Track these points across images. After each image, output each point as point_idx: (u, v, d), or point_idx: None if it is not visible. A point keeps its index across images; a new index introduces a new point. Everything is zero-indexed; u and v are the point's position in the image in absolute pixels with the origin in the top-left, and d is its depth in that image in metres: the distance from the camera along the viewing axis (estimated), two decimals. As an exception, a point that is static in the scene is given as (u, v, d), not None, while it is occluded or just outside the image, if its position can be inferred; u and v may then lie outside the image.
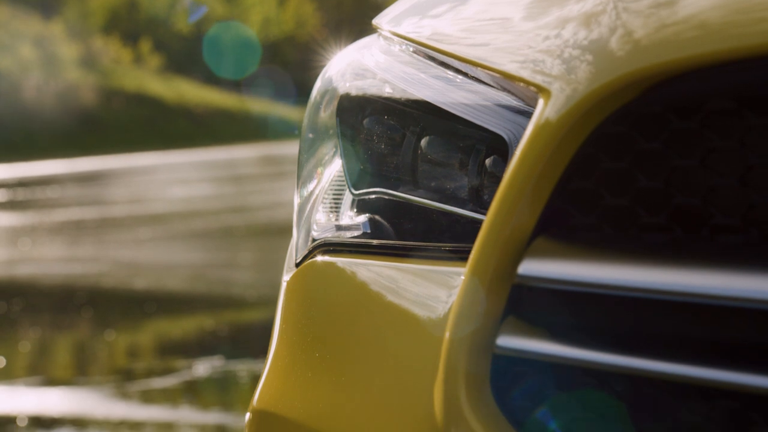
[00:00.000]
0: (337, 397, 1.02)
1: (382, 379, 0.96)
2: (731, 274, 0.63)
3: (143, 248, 12.59)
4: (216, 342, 6.96)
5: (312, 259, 1.14)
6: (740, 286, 0.63)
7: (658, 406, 0.71)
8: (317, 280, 1.12)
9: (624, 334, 0.71)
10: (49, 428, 4.84)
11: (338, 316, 1.06)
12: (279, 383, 1.14)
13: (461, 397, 0.81)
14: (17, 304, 9.13)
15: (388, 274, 1.01)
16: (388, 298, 0.99)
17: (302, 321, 1.13)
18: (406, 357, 0.93)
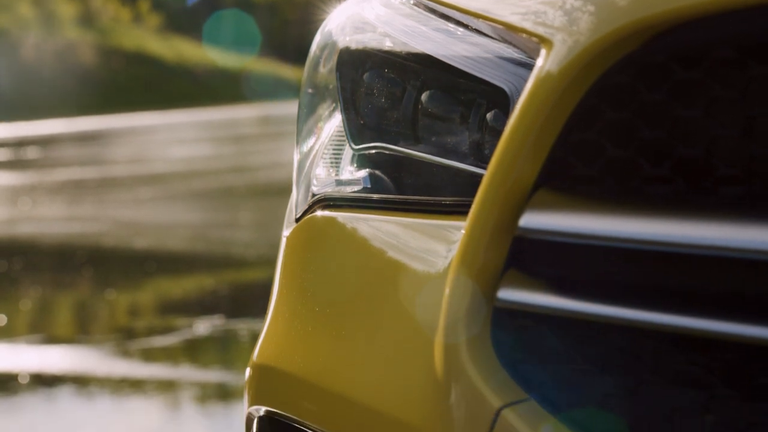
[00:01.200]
0: (337, 351, 1.02)
1: (382, 333, 0.96)
2: (733, 225, 0.63)
3: (143, 208, 12.60)
4: (216, 301, 6.97)
5: (312, 214, 1.14)
6: (742, 237, 0.62)
7: (659, 359, 0.71)
8: (317, 235, 1.12)
9: (625, 286, 0.71)
10: (50, 386, 4.87)
11: (338, 271, 1.06)
12: (279, 338, 1.14)
13: (461, 350, 0.81)
14: (18, 263, 9.14)
15: (388, 229, 1.01)
16: (388, 253, 0.99)
17: (302, 276, 1.13)
18: (406, 311, 0.93)
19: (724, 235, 0.63)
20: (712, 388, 0.68)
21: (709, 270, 0.65)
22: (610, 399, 0.73)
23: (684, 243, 0.65)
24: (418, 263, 0.94)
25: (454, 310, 0.81)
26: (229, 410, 4.33)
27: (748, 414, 0.66)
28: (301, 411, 1.04)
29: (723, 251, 0.63)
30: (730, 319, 0.63)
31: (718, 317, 0.64)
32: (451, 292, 0.82)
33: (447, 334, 0.82)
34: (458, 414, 0.82)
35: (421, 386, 0.87)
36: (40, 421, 4.28)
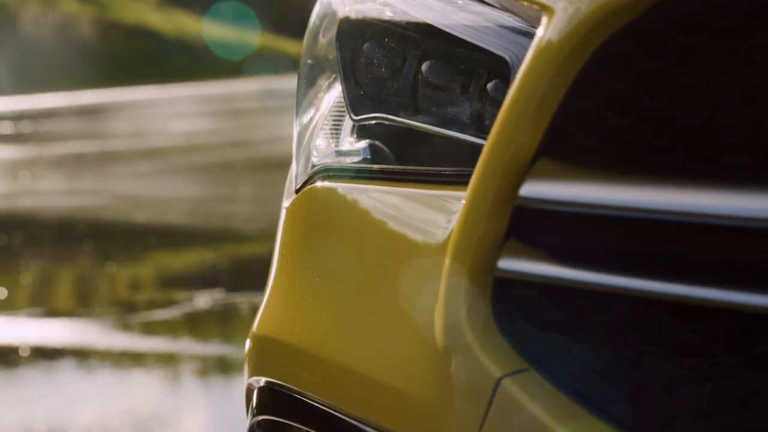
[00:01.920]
0: (337, 322, 1.02)
1: (382, 303, 0.96)
2: (735, 193, 0.63)
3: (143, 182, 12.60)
4: (216, 274, 6.98)
5: (312, 185, 1.14)
6: (743, 206, 0.62)
7: (659, 328, 0.71)
8: (317, 205, 1.12)
9: (626, 255, 0.70)
10: (51, 358, 4.88)
11: (338, 242, 1.06)
12: (279, 309, 1.14)
13: (462, 320, 0.81)
14: (18, 237, 9.15)
15: (388, 199, 1.01)
16: (388, 223, 0.99)
17: (302, 246, 1.13)
18: (406, 281, 0.93)
19: (725, 204, 0.63)
20: (712, 356, 0.68)
21: (710, 238, 0.65)
22: (610, 368, 0.73)
23: (685, 211, 0.65)
24: (418, 233, 0.94)
25: (455, 280, 0.81)
26: (229, 383, 4.35)
27: (748, 382, 0.66)
28: (301, 382, 1.04)
29: (724, 220, 0.63)
30: (730, 288, 0.63)
31: (719, 286, 0.64)
32: (452, 262, 0.81)
33: (447, 303, 0.82)
34: (458, 384, 0.82)
35: (421, 357, 0.87)
36: (40, 394, 4.29)
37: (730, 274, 0.64)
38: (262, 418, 1.13)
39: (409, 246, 0.94)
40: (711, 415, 0.67)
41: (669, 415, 0.69)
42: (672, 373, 0.70)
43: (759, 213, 0.61)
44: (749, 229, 0.62)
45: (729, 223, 0.63)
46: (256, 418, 1.14)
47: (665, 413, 0.70)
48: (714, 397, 0.67)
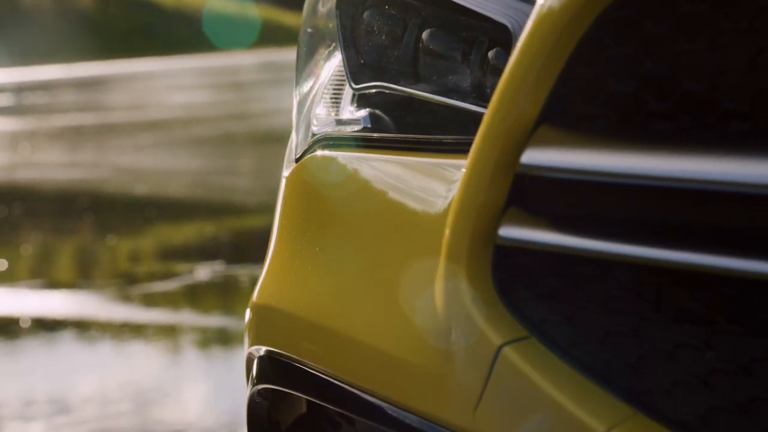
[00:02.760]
0: (337, 291, 1.01)
1: (383, 272, 0.96)
2: (737, 160, 0.62)
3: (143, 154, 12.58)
4: (217, 247, 6.99)
5: (312, 154, 1.13)
6: (746, 172, 0.62)
7: (661, 296, 0.71)
8: (317, 174, 1.11)
9: (627, 222, 0.70)
10: (51, 330, 4.89)
11: (338, 211, 1.06)
12: (279, 278, 1.13)
13: (462, 289, 0.80)
14: (18, 209, 9.15)
15: (388, 168, 1.00)
16: (388, 192, 0.98)
17: (302, 216, 1.12)
18: (406, 250, 0.93)
19: (727, 170, 0.63)
20: (714, 324, 0.68)
21: (712, 205, 0.65)
22: (611, 336, 0.73)
23: (687, 178, 0.65)
24: (419, 202, 0.93)
25: (455, 248, 0.81)
26: (230, 354, 4.36)
27: (749, 349, 0.66)
28: (301, 351, 1.04)
29: (726, 186, 0.63)
30: (732, 255, 0.63)
31: (721, 252, 0.64)
32: (452, 231, 0.81)
33: (448, 271, 0.81)
34: (459, 352, 0.82)
35: (421, 325, 0.87)
36: (41, 365, 4.30)
37: (732, 240, 0.64)
38: (263, 387, 1.13)
39: (410, 214, 0.94)
40: (712, 382, 0.67)
41: (670, 383, 0.69)
42: (673, 341, 0.70)
43: (761, 179, 0.61)
44: (751, 196, 0.62)
45: (731, 190, 0.63)
46: (257, 387, 1.14)
47: (666, 381, 0.69)
48: (715, 364, 0.67)
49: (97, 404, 3.63)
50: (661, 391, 0.70)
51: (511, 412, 0.77)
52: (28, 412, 3.56)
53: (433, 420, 0.86)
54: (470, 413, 0.81)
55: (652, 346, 0.71)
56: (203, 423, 3.38)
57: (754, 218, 0.63)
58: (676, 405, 0.69)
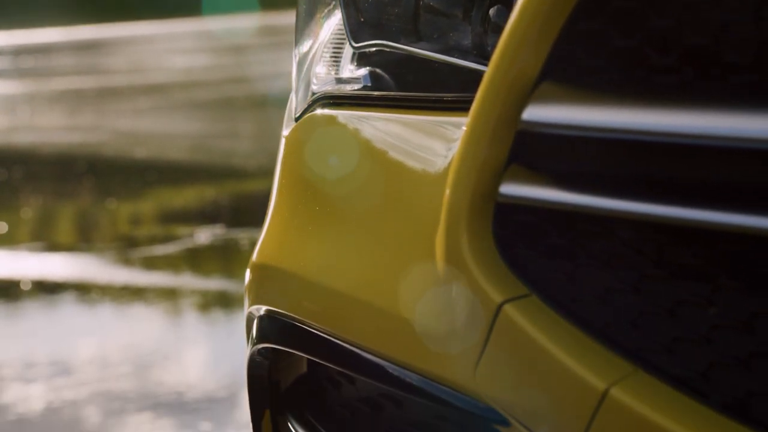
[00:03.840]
0: (337, 250, 1.01)
1: (383, 230, 0.95)
2: (742, 114, 0.62)
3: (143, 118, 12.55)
4: (217, 210, 6.99)
5: (312, 112, 1.13)
6: (751, 126, 0.61)
7: (662, 252, 0.71)
8: (317, 133, 1.11)
9: (629, 179, 0.69)
10: (52, 292, 4.90)
11: (338, 169, 1.05)
12: (279, 238, 1.13)
13: (463, 246, 0.80)
14: (18, 172, 9.14)
15: (388, 126, 0.99)
16: (388, 150, 0.98)
17: (301, 175, 1.12)
18: (406, 208, 0.92)
19: (732, 125, 0.62)
20: (715, 280, 0.67)
21: (716, 160, 0.64)
22: (612, 294, 0.73)
23: (691, 133, 0.64)
24: (419, 160, 0.93)
25: (456, 206, 0.80)
26: (230, 317, 4.37)
27: (751, 305, 0.65)
28: (301, 310, 1.04)
29: (731, 141, 0.62)
30: (735, 210, 0.62)
31: (724, 208, 0.63)
32: (453, 188, 0.80)
33: (448, 230, 0.81)
34: (459, 310, 0.81)
35: (422, 283, 0.87)
36: (41, 327, 4.31)
37: (736, 196, 0.63)
38: (263, 347, 1.13)
39: (410, 172, 0.93)
40: (714, 338, 0.67)
41: (671, 339, 0.69)
42: (674, 297, 0.69)
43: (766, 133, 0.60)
44: (756, 150, 0.61)
45: (735, 144, 0.62)
46: (257, 346, 1.14)
47: (667, 337, 0.69)
48: (717, 320, 0.67)
49: (98, 366, 3.64)
50: (662, 347, 0.69)
51: (512, 369, 0.77)
52: (28, 373, 3.57)
53: (434, 378, 0.85)
54: (470, 371, 0.80)
55: (653, 303, 0.70)
56: (203, 385, 3.40)
57: (758, 173, 0.62)
58: (677, 361, 0.68)
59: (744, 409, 0.65)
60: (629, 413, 0.68)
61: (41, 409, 3.21)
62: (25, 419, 3.14)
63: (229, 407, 3.18)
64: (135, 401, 3.26)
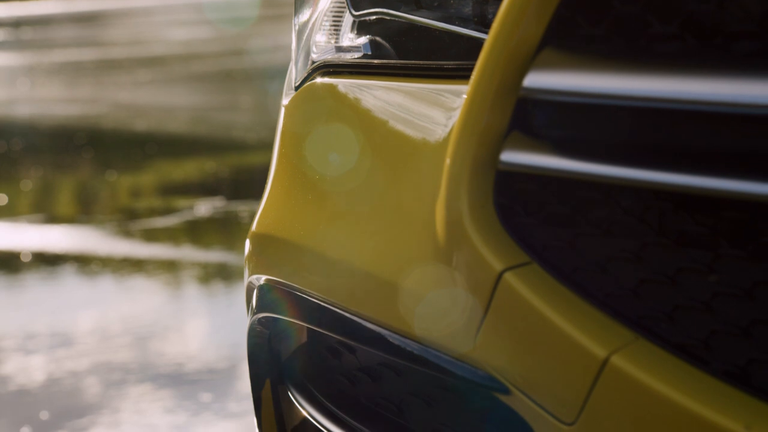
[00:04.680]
0: (337, 220, 1.01)
1: (383, 199, 0.95)
2: (743, 81, 0.61)
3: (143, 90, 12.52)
4: (217, 183, 6.98)
5: (311, 81, 1.12)
6: (752, 93, 0.60)
7: (664, 220, 0.70)
8: (317, 102, 1.10)
9: (630, 146, 0.69)
10: (52, 264, 4.90)
11: (338, 138, 1.05)
12: (278, 207, 1.13)
13: (463, 214, 0.80)
14: (17, 144, 9.12)
15: (389, 95, 0.99)
16: (388, 118, 0.97)
17: (301, 143, 1.11)
18: (407, 176, 0.92)
19: (733, 92, 0.61)
20: (716, 248, 0.67)
21: (718, 127, 0.63)
22: (613, 262, 0.73)
23: (692, 99, 0.64)
24: (420, 128, 0.92)
25: (457, 174, 0.80)
26: (230, 290, 4.37)
27: (752, 273, 0.65)
28: (302, 279, 1.03)
29: (733, 108, 0.62)
30: (737, 178, 0.62)
31: (726, 176, 0.63)
32: (453, 156, 0.80)
33: (449, 198, 0.81)
34: (460, 278, 0.81)
35: (422, 252, 0.87)
36: (42, 299, 4.31)
37: (737, 163, 0.63)
38: (263, 316, 1.12)
39: (410, 141, 0.93)
40: (715, 306, 0.67)
41: (673, 307, 0.69)
42: (676, 265, 0.69)
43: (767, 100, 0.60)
44: (758, 117, 0.61)
45: (737, 111, 0.62)
46: (257, 315, 1.14)
47: (669, 305, 0.69)
48: (718, 288, 0.67)
49: (98, 337, 3.65)
50: (663, 315, 0.69)
51: (512, 337, 0.77)
52: (29, 344, 3.58)
53: (434, 346, 0.85)
54: (471, 339, 0.80)
55: (654, 271, 0.70)
56: (204, 356, 3.40)
57: (760, 140, 0.62)
58: (677, 329, 0.68)
59: (745, 376, 0.65)
60: (630, 381, 0.68)
61: (42, 379, 3.22)
62: (25, 390, 3.15)
63: (230, 378, 3.19)
64: (135, 372, 3.27)
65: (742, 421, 0.62)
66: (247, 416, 2.86)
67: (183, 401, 3.00)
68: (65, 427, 2.84)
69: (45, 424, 2.85)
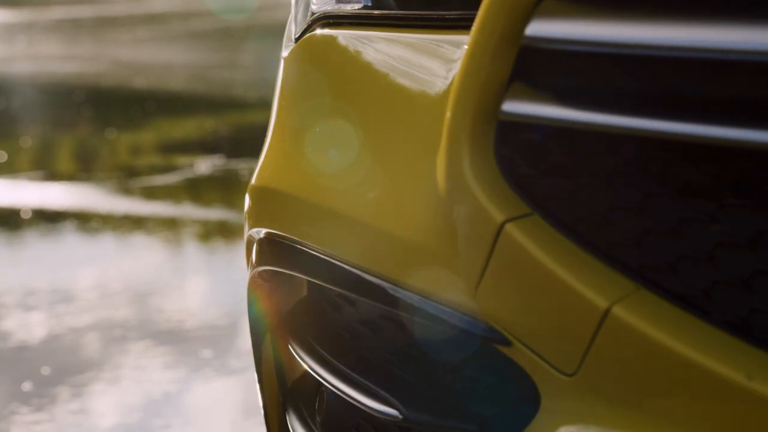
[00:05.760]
0: (337, 172, 1.00)
1: (384, 151, 0.94)
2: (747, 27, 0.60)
3: (142, 48, 12.46)
4: (217, 141, 6.97)
5: (311, 33, 1.11)
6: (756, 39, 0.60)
7: (667, 170, 0.70)
8: (317, 53, 1.09)
9: (633, 95, 0.68)
10: (52, 221, 4.90)
11: (338, 90, 1.04)
12: (278, 160, 1.12)
13: (465, 165, 0.79)
14: (16, 101, 9.09)
15: (389, 46, 0.98)
16: (389, 70, 0.96)
17: (301, 96, 1.11)
18: (407, 128, 0.91)
19: (738, 39, 0.61)
20: (719, 198, 0.66)
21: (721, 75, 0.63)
22: (615, 212, 0.72)
23: (695, 47, 0.63)
24: (421, 79, 0.91)
25: (458, 124, 0.79)
26: (230, 247, 4.37)
27: (755, 223, 0.65)
28: (302, 232, 1.03)
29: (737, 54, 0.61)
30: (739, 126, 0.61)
31: (728, 124, 0.62)
32: (454, 107, 0.79)
33: (450, 148, 0.80)
34: (461, 230, 0.81)
35: (423, 203, 0.86)
36: (42, 256, 4.32)
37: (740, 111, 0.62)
38: (263, 269, 1.12)
39: (411, 92, 0.92)
40: (717, 256, 0.66)
41: (675, 258, 0.68)
42: (678, 216, 0.69)
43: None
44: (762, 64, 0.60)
45: (741, 58, 0.61)
46: (257, 269, 1.13)
47: (671, 255, 0.69)
48: (720, 238, 0.66)
49: (99, 294, 3.66)
50: (664, 266, 0.69)
51: (513, 289, 0.77)
52: (29, 300, 3.58)
53: (434, 298, 0.85)
54: (471, 291, 0.80)
55: (656, 222, 0.70)
56: (204, 313, 3.41)
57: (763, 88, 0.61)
58: (679, 280, 0.68)
59: (746, 326, 0.64)
60: (631, 331, 0.67)
61: (43, 336, 3.23)
62: (26, 346, 3.16)
63: (230, 335, 3.20)
64: (136, 329, 3.28)
65: (744, 371, 0.62)
66: (247, 372, 2.88)
67: (183, 357, 3.01)
68: (66, 382, 2.85)
69: (46, 380, 2.87)
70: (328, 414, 1.07)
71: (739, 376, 0.62)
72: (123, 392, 2.79)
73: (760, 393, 0.61)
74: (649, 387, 0.68)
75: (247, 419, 2.59)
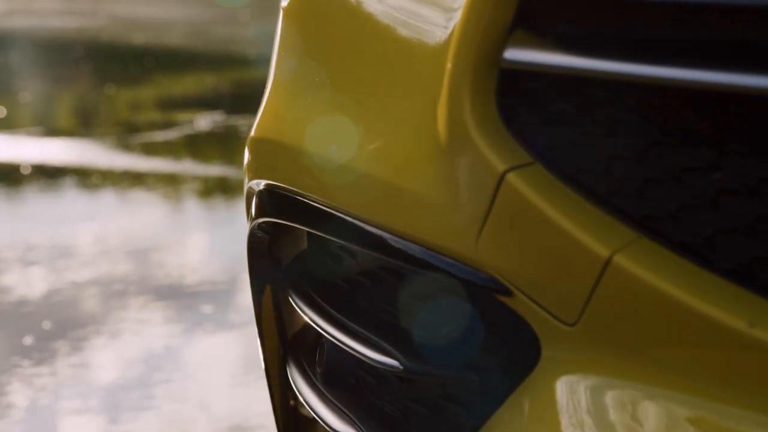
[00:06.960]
0: (338, 123, 1.00)
1: (384, 101, 0.94)
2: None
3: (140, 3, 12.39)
4: (216, 97, 6.95)
5: (311, -18, 1.10)
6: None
7: (669, 118, 0.69)
8: (316, 3, 1.08)
9: (638, 41, 0.68)
10: (52, 177, 4.90)
11: (338, 40, 1.03)
12: (278, 111, 1.11)
13: (466, 114, 0.79)
14: (15, 56, 9.05)
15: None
16: (390, 18, 0.95)
17: (300, 46, 1.10)
18: (409, 78, 0.91)
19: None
20: (723, 144, 0.66)
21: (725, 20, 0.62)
22: (617, 161, 0.72)
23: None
24: (422, 28, 0.91)
25: (459, 72, 0.79)
26: (230, 203, 4.37)
27: (759, 170, 0.64)
28: (302, 183, 1.03)
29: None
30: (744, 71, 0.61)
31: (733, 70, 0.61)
32: (455, 54, 0.79)
33: (450, 97, 0.79)
34: (462, 180, 0.80)
35: (424, 153, 0.86)
36: (42, 211, 4.32)
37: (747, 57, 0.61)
38: (263, 221, 1.12)
39: (413, 41, 0.91)
40: (720, 204, 0.66)
41: (677, 206, 0.68)
42: (681, 163, 0.68)
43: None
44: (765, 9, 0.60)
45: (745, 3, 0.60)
46: (257, 221, 1.13)
47: (673, 204, 0.68)
48: (723, 185, 0.66)
49: (99, 249, 3.66)
50: (666, 214, 0.68)
51: (515, 238, 0.77)
52: (29, 255, 3.59)
53: (435, 249, 0.85)
54: (473, 241, 0.80)
55: (658, 170, 0.69)
56: (204, 269, 3.41)
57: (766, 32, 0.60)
58: (681, 228, 0.68)
59: (748, 274, 0.64)
60: (633, 280, 0.67)
61: (43, 290, 3.23)
62: (27, 300, 3.17)
63: (231, 290, 3.20)
64: (136, 284, 3.28)
65: (746, 318, 0.62)
66: (247, 326, 2.89)
67: (184, 312, 3.02)
68: (67, 336, 2.86)
69: (47, 334, 2.88)
70: (329, 365, 1.07)
71: (740, 324, 0.62)
72: (123, 346, 2.80)
73: (761, 340, 0.61)
74: (650, 336, 0.67)
75: (247, 374, 2.61)
